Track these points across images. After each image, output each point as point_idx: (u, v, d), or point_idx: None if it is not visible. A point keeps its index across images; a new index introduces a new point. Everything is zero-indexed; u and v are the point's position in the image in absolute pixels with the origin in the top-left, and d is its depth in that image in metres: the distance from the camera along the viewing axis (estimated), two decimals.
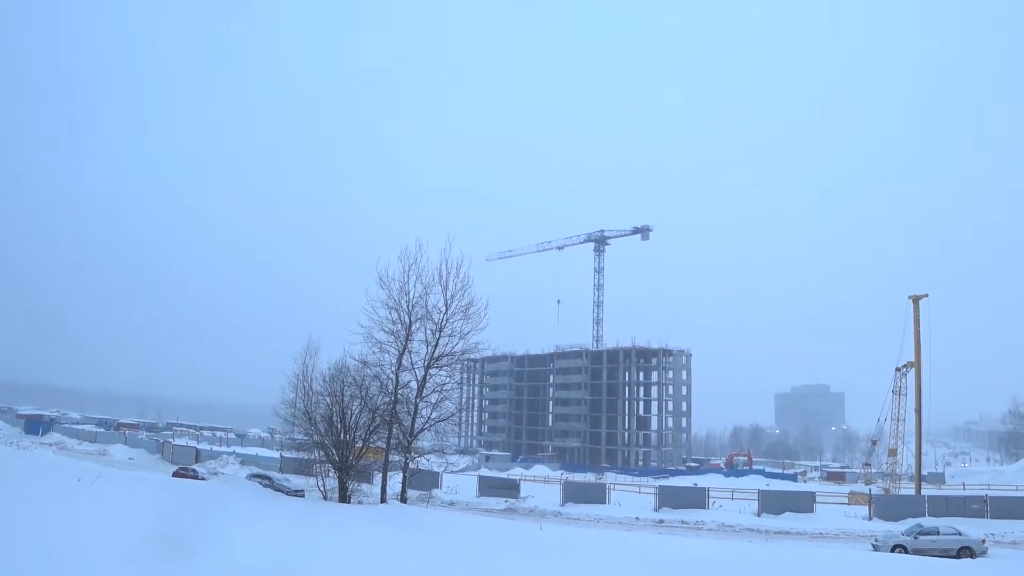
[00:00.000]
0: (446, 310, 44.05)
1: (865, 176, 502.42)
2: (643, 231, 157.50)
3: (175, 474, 50.82)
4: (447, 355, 44.82)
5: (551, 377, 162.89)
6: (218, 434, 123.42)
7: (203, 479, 49.82)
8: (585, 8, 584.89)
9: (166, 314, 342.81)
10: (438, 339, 44.29)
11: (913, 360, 63.59)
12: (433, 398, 44.90)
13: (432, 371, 44.60)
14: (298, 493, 45.66)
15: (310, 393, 45.06)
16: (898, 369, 68.98)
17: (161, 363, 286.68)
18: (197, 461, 66.98)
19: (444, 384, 45.66)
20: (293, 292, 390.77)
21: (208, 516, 26.37)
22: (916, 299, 62.73)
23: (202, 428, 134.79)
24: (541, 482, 75.94)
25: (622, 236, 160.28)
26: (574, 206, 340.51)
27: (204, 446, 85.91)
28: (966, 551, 37.61)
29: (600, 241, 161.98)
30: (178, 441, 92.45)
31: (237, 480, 52.40)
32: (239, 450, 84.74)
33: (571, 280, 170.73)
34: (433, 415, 45.09)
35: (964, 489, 78.38)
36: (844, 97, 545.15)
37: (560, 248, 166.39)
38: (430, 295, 43.97)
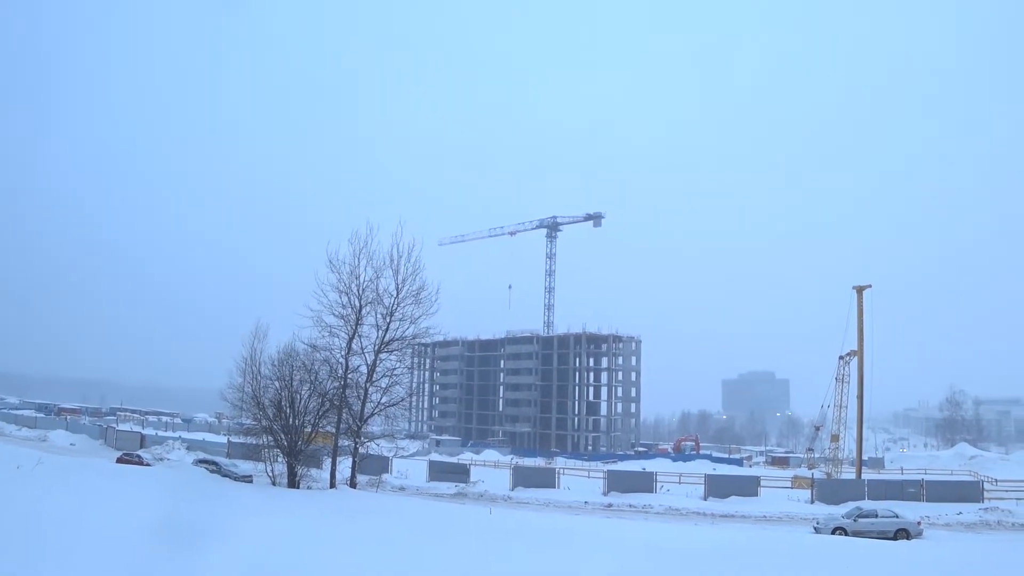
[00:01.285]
0: (397, 294, 43.77)
1: (815, 168, 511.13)
2: (595, 218, 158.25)
3: (119, 460, 49.83)
4: (398, 339, 44.56)
5: (502, 362, 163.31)
6: (164, 419, 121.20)
7: (148, 465, 48.95)
8: None
9: (112, 297, 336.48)
10: (388, 323, 43.99)
11: (856, 349, 65.08)
12: (383, 383, 44.65)
13: (382, 355, 44.33)
14: (246, 479, 45.12)
15: (258, 377, 44.44)
16: (841, 357, 70.44)
17: (106, 347, 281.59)
18: (142, 447, 65.75)
19: (394, 369, 45.43)
20: (243, 275, 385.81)
21: (151, 503, 25.96)
22: (860, 290, 64.17)
23: (147, 413, 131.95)
24: (491, 467, 76.19)
25: (574, 223, 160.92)
26: (527, 192, 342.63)
27: (149, 431, 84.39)
28: (903, 533, 38.92)
29: (552, 227, 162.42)
30: (122, 426, 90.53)
31: (183, 466, 51.55)
32: (185, 435, 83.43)
33: (523, 266, 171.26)
34: (383, 400, 44.84)
35: (902, 473, 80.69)
36: (799, 87, 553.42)
37: (512, 234, 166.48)
38: (381, 279, 43.66)
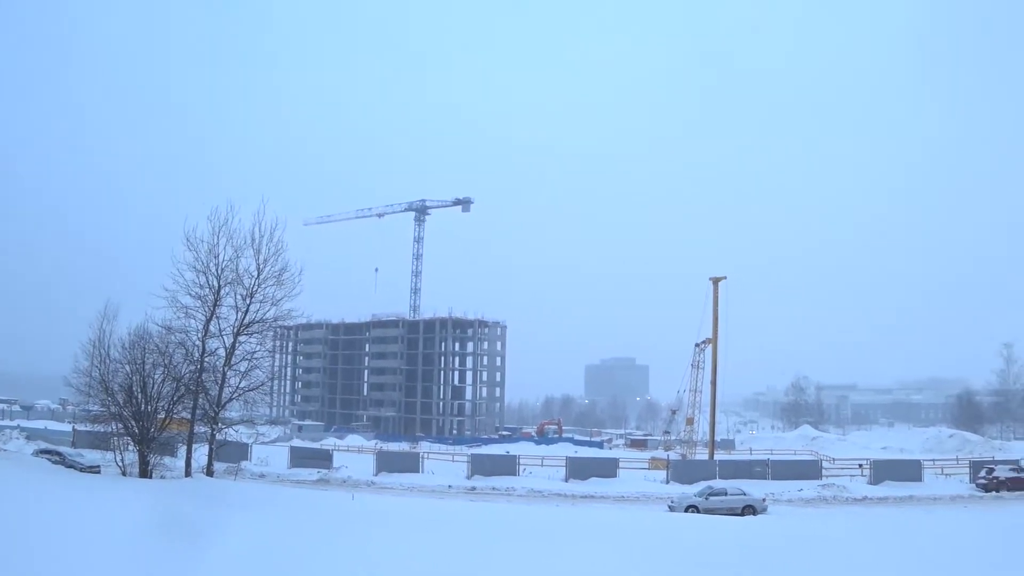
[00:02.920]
0: (258, 275, 42.33)
1: (681, 163, 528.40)
2: (464, 203, 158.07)
3: None
4: (258, 322, 43.14)
5: (367, 346, 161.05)
6: (0, 406, 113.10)
7: None
8: None
9: None
10: (249, 305, 42.48)
11: (711, 337, 68.16)
12: (242, 366, 43.13)
13: (242, 338, 42.80)
14: (93, 469, 42.72)
15: (107, 361, 42.02)
16: (697, 345, 73.29)
17: None
18: None
19: (254, 352, 43.94)
20: (91, 253, 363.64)
21: None
22: (716, 281, 67.32)
23: None
24: (355, 452, 75.30)
25: (443, 207, 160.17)
26: (396, 174, 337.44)
27: None
28: (749, 509, 41.37)
29: (421, 211, 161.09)
30: None
31: (22, 457, 48.00)
32: (25, 424, 78.28)
33: (391, 249, 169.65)
34: (242, 384, 43.34)
35: (751, 454, 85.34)
36: (674, 74, 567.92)
37: (380, 216, 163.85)
38: (241, 259, 41.99)
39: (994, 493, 49.31)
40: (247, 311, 42.54)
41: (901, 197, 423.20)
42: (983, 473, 52.42)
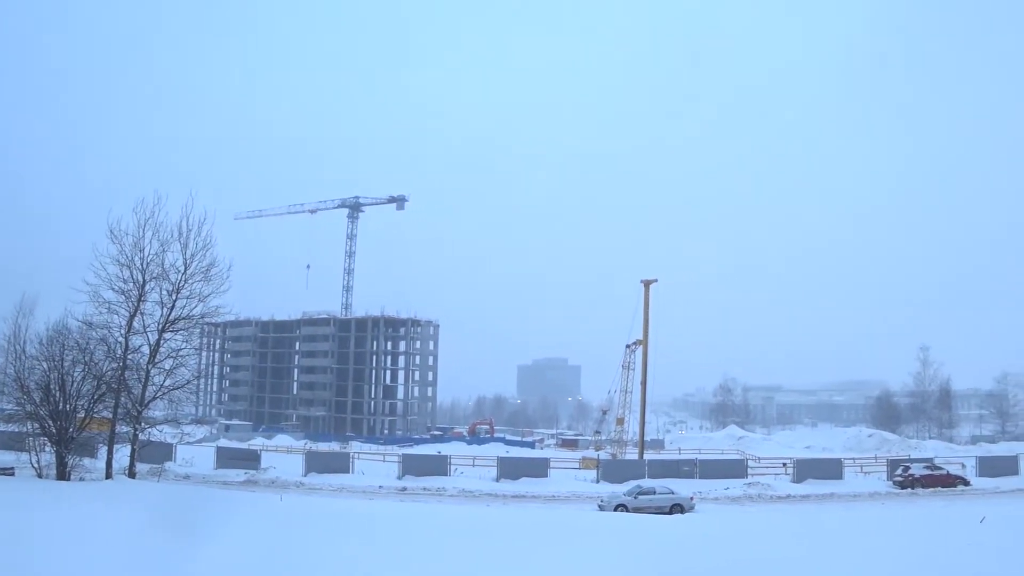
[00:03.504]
0: (185, 270, 41.40)
1: (614, 166, 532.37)
2: (399, 201, 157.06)
3: None
4: (184, 318, 42.16)
5: (297, 344, 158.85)
6: None
7: None
8: None
9: None
10: (175, 301, 41.51)
11: (642, 338, 69.16)
12: (167, 364, 42.12)
13: (167, 335, 41.80)
14: (7, 471, 41.10)
15: (23, 357, 40.66)
16: (628, 346, 74.24)
17: None
18: None
19: (180, 349, 42.96)
20: (5, 244, 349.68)
21: None
22: (647, 283, 68.47)
23: None
24: (284, 452, 74.19)
25: (377, 204, 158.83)
26: (330, 171, 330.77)
27: None
28: (677, 508, 42.11)
29: (355, 207, 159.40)
30: None
31: None
32: None
33: (323, 246, 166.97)
34: (167, 382, 42.35)
35: (679, 453, 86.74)
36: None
37: (313, 212, 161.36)
38: (168, 253, 41.05)
39: (909, 490, 51.11)
40: (173, 307, 41.60)
41: (826, 203, 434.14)
42: (899, 471, 54.25)
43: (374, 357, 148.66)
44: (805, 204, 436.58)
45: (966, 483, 52.70)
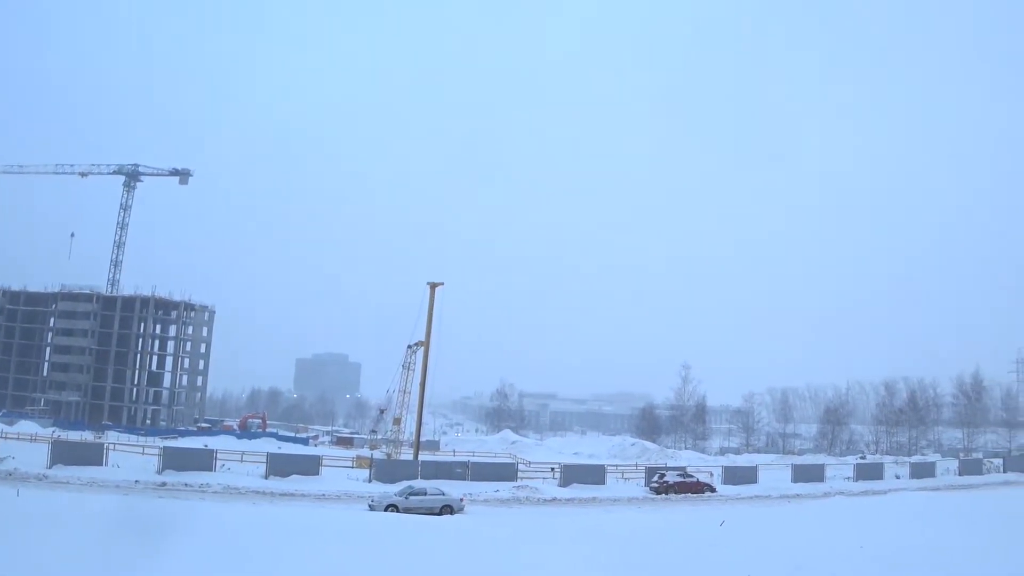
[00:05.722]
0: None
1: (405, 173, 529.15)
2: (183, 174, 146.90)
3: None
4: None
5: (52, 320, 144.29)
6: None
7: None
8: None
9: None
10: None
11: (424, 340, 69.59)
12: None
13: None
14: None
15: None
16: (410, 347, 74.31)
17: None
18: None
19: None
20: None
21: None
22: (433, 286, 69.05)
23: None
24: (27, 440, 67.88)
25: (158, 175, 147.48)
26: (106, 133, 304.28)
27: None
28: (448, 508, 43.06)
29: (132, 176, 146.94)
30: None
31: None
32: None
33: (93, 215, 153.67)
34: None
35: (454, 455, 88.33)
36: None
37: (83, 175, 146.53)
38: None
39: (664, 495, 55.18)
40: None
41: (617, 217, 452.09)
42: (656, 478, 58.42)
43: (140, 340, 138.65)
44: (599, 217, 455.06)
45: (712, 490, 57.71)
